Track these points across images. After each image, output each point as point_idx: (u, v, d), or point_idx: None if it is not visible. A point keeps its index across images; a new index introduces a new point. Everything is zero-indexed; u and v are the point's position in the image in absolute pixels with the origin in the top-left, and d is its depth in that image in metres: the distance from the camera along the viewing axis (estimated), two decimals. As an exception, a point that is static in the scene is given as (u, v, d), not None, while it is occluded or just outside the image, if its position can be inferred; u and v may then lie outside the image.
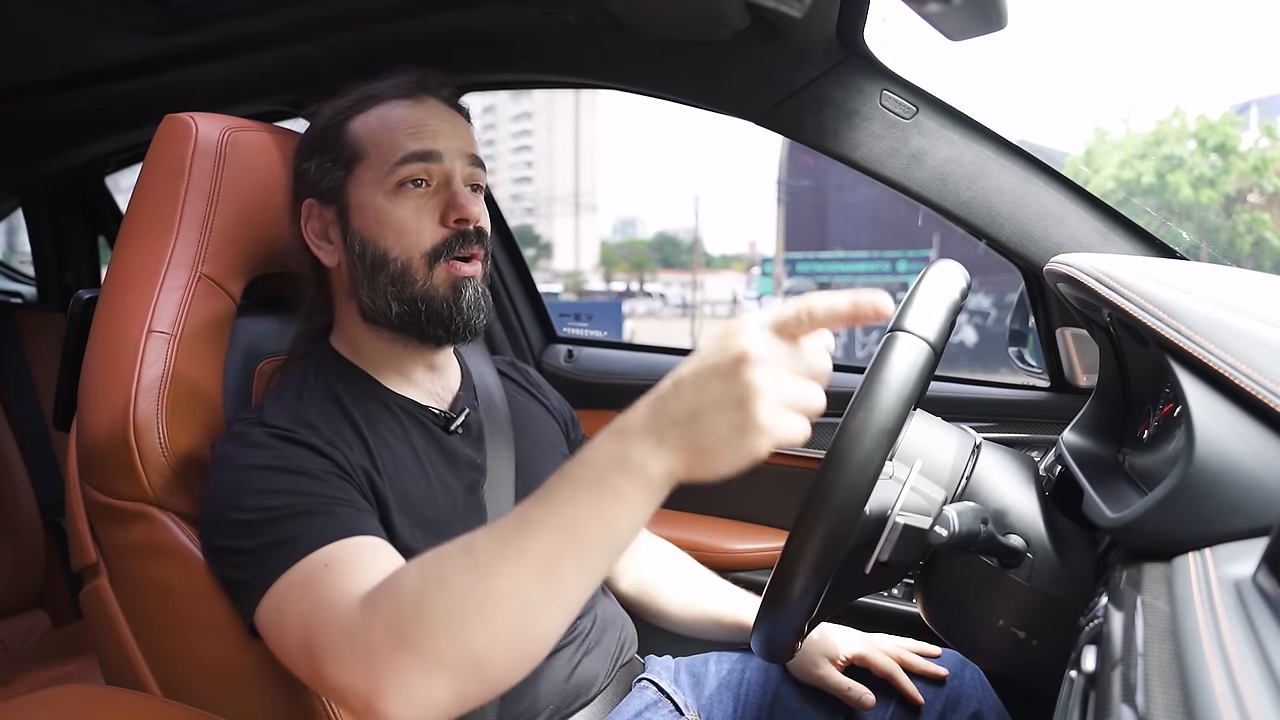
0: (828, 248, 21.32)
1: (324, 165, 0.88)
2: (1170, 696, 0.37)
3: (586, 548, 0.58)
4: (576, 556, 0.58)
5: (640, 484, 0.56)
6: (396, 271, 0.85)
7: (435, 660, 0.60)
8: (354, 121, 0.87)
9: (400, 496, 0.82)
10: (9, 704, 0.76)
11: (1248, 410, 0.53)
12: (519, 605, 0.58)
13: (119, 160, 1.97)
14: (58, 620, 1.82)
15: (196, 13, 1.25)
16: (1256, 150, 16.93)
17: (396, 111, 0.87)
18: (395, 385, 0.91)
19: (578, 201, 68.05)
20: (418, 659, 0.60)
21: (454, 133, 0.88)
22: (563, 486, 0.59)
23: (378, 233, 0.85)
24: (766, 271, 21.68)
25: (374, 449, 0.82)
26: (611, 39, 1.20)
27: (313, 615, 0.66)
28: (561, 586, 0.58)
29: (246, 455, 0.76)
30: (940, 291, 0.66)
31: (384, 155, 0.85)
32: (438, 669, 0.60)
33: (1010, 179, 1.14)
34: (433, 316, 0.86)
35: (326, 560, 0.69)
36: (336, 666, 0.63)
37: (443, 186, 0.86)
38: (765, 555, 1.37)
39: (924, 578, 0.78)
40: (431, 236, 0.85)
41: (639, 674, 1.00)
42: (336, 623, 0.64)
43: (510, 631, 0.59)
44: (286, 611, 0.69)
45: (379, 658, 0.61)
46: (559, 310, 2.63)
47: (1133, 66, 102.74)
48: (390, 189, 0.85)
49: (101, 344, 0.86)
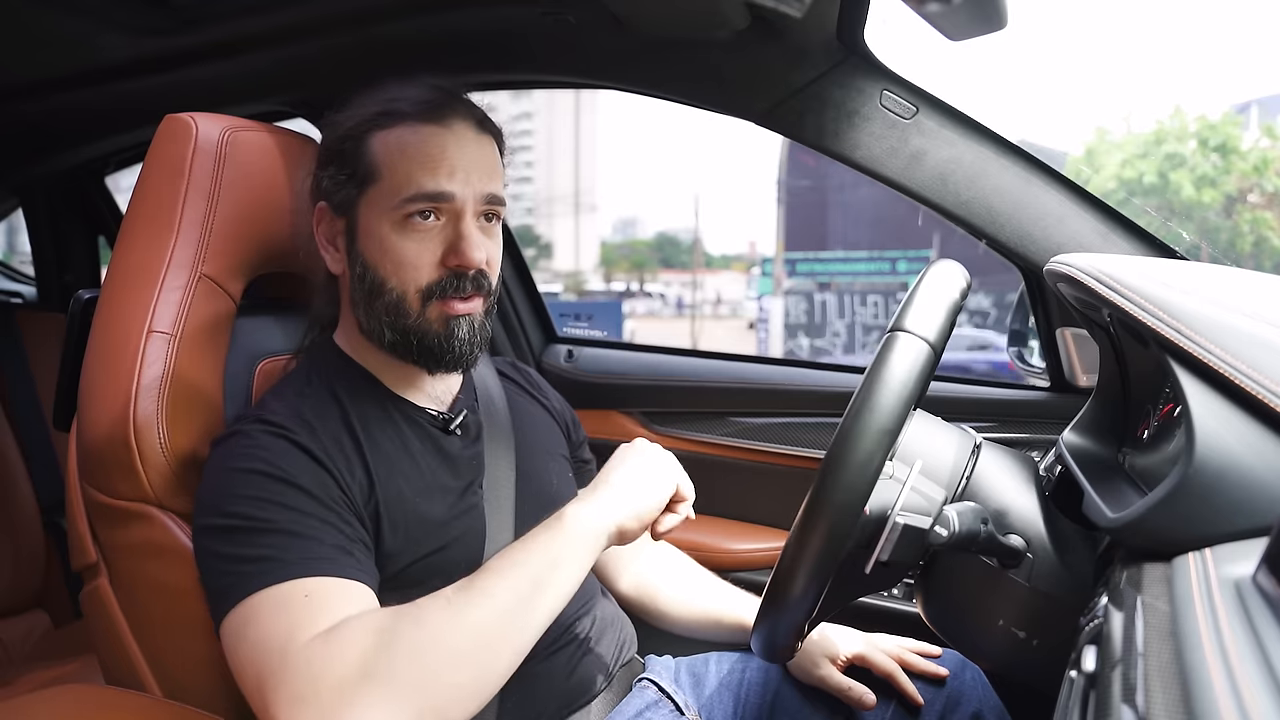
0: (828, 248, 21.31)
1: (339, 178, 0.86)
2: (1170, 696, 0.37)
3: (545, 589, 0.72)
4: (538, 596, 0.72)
5: (595, 544, 0.77)
6: (392, 302, 0.84)
7: (402, 695, 0.63)
8: (374, 138, 0.84)
9: (395, 500, 0.82)
10: (9, 704, 0.76)
11: (1248, 410, 0.53)
12: (483, 638, 0.68)
13: (119, 160, 1.97)
14: (58, 620, 1.82)
15: (196, 13, 1.25)
16: (1257, 150, 16.92)
17: (417, 137, 0.83)
18: (395, 386, 0.91)
19: (578, 201, 68.05)
20: (385, 693, 0.63)
21: (474, 167, 0.84)
22: (526, 543, 0.75)
23: (379, 260, 0.84)
24: (766, 271, 21.66)
25: (369, 456, 0.83)
26: (611, 39, 1.20)
27: (272, 644, 0.67)
28: (520, 621, 0.71)
29: (243, 457, 0.77)
30: (940, 291, 0.66)
31: (397, 185, 0.83)
32: (404, 702, 0.63)
33: (1010, 179, 1.14)
34: (424, 351, 0.86)
35: (296, 595, 0.69)
36: (288, 700, 0.64)
37: (451, 223, 0.84)
38: (765, 555, 1.37)
39: (924, 578, 0.78)
40: (429, 274, 0.84)
41: (639, 674, 1.00)
42: (296, 656, 0.65)
43: (474, 666, 0.68)
44: (249, 631, 0.69)
45: (343, 693, 0.62)
46: (559, 310, 2.63)
47: (1133, 66, 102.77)
48: (397, 220, 0.83)
49: (102, 344, 0.86)
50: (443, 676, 0.65)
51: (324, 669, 0.64)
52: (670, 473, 0.85)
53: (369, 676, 0.63)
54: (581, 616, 0.95)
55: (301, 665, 0.64)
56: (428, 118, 0.84)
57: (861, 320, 17.86)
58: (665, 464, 0.85)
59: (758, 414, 1.44)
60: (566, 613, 0.93)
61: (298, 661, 0.65)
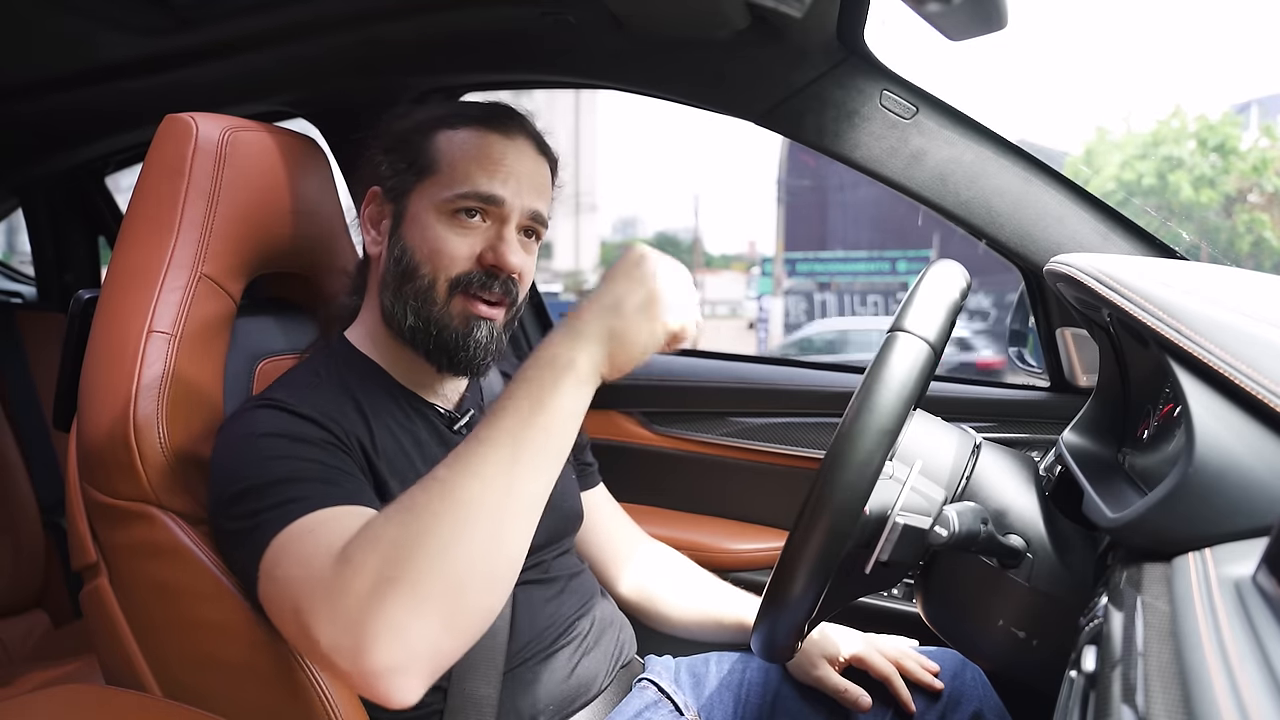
0: (828, 247, 21.32)
1: (398, 165, 0.89)
2: (1170, 696, 0.37)
3: (534, 445, 0.66)
4: (528, 453, 0.66)
5: (570, 377, 0.68)
6: (422, 287, 0.86)
7: (422, 591, 0.61)
8: (440, 135, 0.88)
9: (400, 490, 0.82)
10: (9, 704, 0.76)
11: (1248, 410, 0.53)
12: (488, 512, 0.64)
13: (119, 160, 1.97)
14: (58, 620, 1.82)
15: (196, 13, 1.25)
16: (1256, 150, 16.92)
17: (482, 140, 0.87)
18: (406, 381, 0.92)
19: (578, 201, 67.99)
20: (405, 594, 0.61)
21: (527, 180, 0.87)
22: (504, 401, 0.68)
23: (418, 245, 0.86)
24: (766, 271, 21.65)
25: (378, 440, 0.83)
26: (611, 39, 1.20)
27: (297, 576, 0.66)
28: (521, 486, 0.65)
29: (250, 427, 0.77)
30: (940, 291, 0.66)
31: (454, 179, 0.85)
32: (426, 600, 0.61)
33: (1010, 179, 1.14)
34: (441, 344, 0.87)
35: (315, 525, 0.68)
36: (323, 623, 0.63)
37: (495, 226, 0.87)
38: (765, 555, 1.37)
39: (924, 578, 0.78)
40: (462, 266, 0.86)
41: (639, 674, 1.00)
42: (319, 580, 0.64)
43: (484, 543, 0.63)
44: (276, 575, 0.68)
45: (365, 605, 0.61)
46: (559, 310, 2.63)
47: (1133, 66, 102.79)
48: (446, 213, 0.86)
49: (102, 344, 0.86)
50: (457, 560, 0.62)
51: (346, 588, 0.62)
52: (670, 307, 0.71)
53: (387, 580, 0.61)
54: (580, 617, 0.95)
55: (323, 592, 0.63)
56: (494, 126, 0.88)
57: (861, 320, 17.84)
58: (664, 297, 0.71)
59: (758, 414, 1.44)
60: (565, 613, 0.93)
61: (320, 589, 0.64)
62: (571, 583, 0.96)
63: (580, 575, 0.99)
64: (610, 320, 0.69)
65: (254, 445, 0.75)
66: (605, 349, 0.69)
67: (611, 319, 0.69)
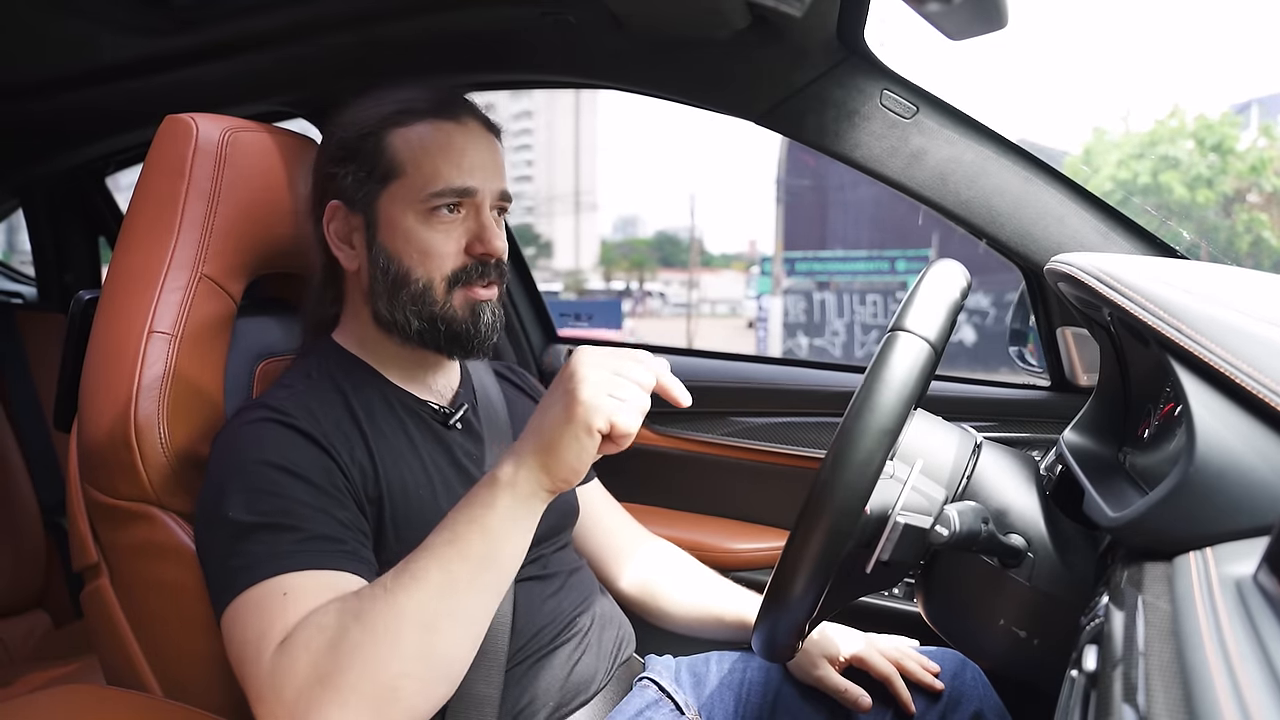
0: (827, 247, 21.29)
1: (358, 175, 0.88)
2: (1171, 696, 0.37)
3: (475, 560, 0.68)
4: (470, 569, 0.68)
5: (507, 495, 0.69)
6: (418, 291, 0.87)
7: (354, 693, 0.64)
8: (393, 135, 0.87)
9: (398, 490, 0.83)
10: (9, 704, 0.76)
11: (1248, 409, 0.53)
12: (422, 623, 0.66)
13: (119, 160, 1.97)
14: (58, 620, 1.82)
15: (196, 13, 1.25)
16: (1255, 150, 16.91)
17: (439, 134, 0.87)
18: (398, 380, 0.92)
19: (578, 200, 68.04)
20: (337, 694, 0.64)
21: (491, 164, 0.89)
22: (452, 515, 0.71)
23: (404, 251, 0.87)
24: (766, 270, 21.64)
25: (373, 444, 0.84)
26: (611, 39, 1.20)
27: (246, 654, 0.69)
28: (459, 600, 0.68)
29: (242, 447, 0.78)
30: (940, 291, 0.66)
31: (423, 180, 0.85)
32: (357, 702, 0.64)
33: (1010, 178, 1.14)
34: (452, 337, 0.88)
35: (276, 592, 0.70)
36: (262, 704, 0.67)
37: (472, 215, 0.88)
38: (766, 555, 1.37)
39: (925, 577, 0.78)
40: (454, 262, 0.87)
41: (638, 673, 1.00)
42: (263, 663, 0.67)
43: (418, 652, 0.66)
44: (232, 634, 0.71)
45: (299, 697, 0.64)
46: (559, 310, 2.62)
47: (1132, 66, 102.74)
48: (422, 213, 0.86)
49: (102, 344, 0.86)
50: (389, 667, 0.65)
51: (283, 679, 0.66)
52: (595, 410, 0.66)
53: (320, 680, 0.65)
54: (580, 614, 0.95)
55: (265, 674, 0.67)
56: (445, 115, 0.88)
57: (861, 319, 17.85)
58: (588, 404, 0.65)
59: (758, 414, 1.44)
60: (565, 609, 0.93)
61: (262, 670, 0.67)
62: (571, 579, 0.97)
63: (579, 571, 0.99)
64: (535, 438, 0.69)
65: (246, 473, 0.76)
66: (538, 462, 0.68)
67: (536, 436, 0.69)
